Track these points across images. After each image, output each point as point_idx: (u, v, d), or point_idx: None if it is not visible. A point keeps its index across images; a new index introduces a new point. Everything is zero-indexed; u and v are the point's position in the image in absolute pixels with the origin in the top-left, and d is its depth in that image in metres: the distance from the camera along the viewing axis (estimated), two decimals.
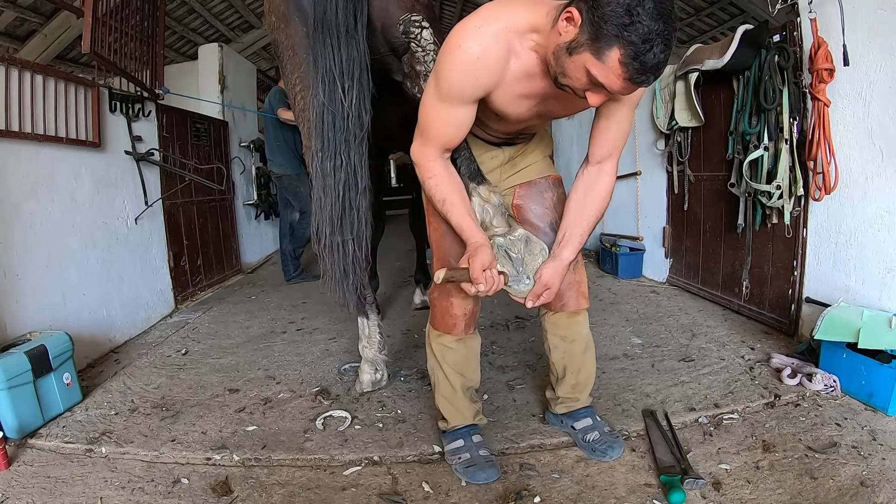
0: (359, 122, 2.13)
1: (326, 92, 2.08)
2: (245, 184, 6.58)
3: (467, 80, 1.63)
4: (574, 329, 2.13)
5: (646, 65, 1.35)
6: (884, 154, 2.59)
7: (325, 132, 2.12)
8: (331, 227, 2.24)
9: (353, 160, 2.17)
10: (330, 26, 2.02)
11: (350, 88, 2.08)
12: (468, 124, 1.77)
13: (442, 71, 1.66)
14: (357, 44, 2.07)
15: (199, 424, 2.50)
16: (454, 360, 2.11)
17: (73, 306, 3.24)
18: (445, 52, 1.64)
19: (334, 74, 2.06)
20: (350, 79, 2.07)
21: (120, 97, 3.89)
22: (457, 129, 1.77)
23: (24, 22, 5.95)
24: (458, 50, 1.60)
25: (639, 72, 1.36)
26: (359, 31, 2.07)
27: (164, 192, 4.36)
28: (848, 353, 2.46)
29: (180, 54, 7.86)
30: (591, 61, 1.40)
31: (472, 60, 1.59)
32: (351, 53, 2.05)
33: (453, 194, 1.82)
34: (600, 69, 1.40)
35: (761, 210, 3.30)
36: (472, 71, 1.61)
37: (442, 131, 1.76)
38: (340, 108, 2.10)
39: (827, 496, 1.80)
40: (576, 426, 2.20)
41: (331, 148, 2.14)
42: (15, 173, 2.92)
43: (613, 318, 3.80)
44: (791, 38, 3.02)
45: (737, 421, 2.34)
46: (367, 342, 2.79)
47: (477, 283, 1.72)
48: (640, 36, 1.31)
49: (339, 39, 2.03)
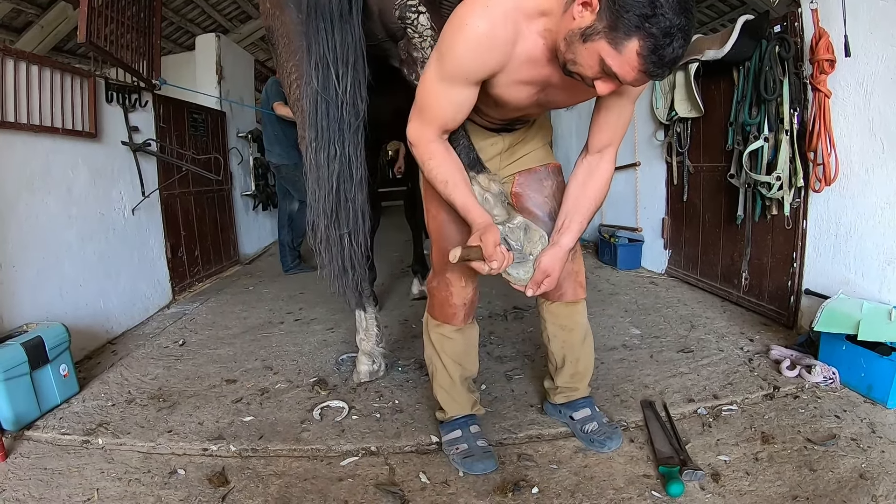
0: (353, 110, 2.07)
1: (320, 79, 2.02)
2: (243, 174, 6.56)
3: (472, 59, 1.58)
4: (573, 318, 2.12)
5: (664, 59, 1.32)
6: (884, 145, 2.58)
7: (319, 121, 2.07)
8: (326, 221, 2.19)
9: (348, 150, 2.11)
10: (324, 11, 1.96)
11: (344, 75, 2.01)
12: (469, 106, 1.73)
13: (445, 48, 1.60)
14: (352, 29, 2.01)
15: (196, 415, 2.49)
16: (453, 350, 2.10)
17: (69, 298, 3.23)
18: (450, 29, 1.59)
19: (328, 60, 1.99)
20: (344, 65, 2.00)
21: (116, 88, 3.87)
22: (457, 110, 1.72)
23: (20, 13, 5.92)
24: (465, 27, 1.54)
25: (656, 65, 1.34)
26: (353, 16, 2.01)
27: (161, 183, 4.34)
28: (847, 346, 2.46)
29: (177, 45, 7.83)
30: (608, 50, 1.36)
31: (478, 38, 1.53)
32: (345, 39, 1.99)
33: (455, 174, 1.78)
34: (616, 59, 1.36)
35: (761, 201, 3.29)
36: (477, 49, 1.56)
37: (442, 111, 1.71)
38: (334, 96, 2.04)
39: (826, 488, 1.80)
40: (574, 416, 2.19)
41: (325, 137, 2.08)
42: (11, 164, 2.90)
43: (612, 309, 3.80)
44: (792, 29, 3.01)
45: (736, 412, 2.34)
46: (364, 334, 2.78)
47: (490, 259, 1.67)
48: (661, 29, 1.28)
49: (332, 24, 1.97)
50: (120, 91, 3.90)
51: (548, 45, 1.55)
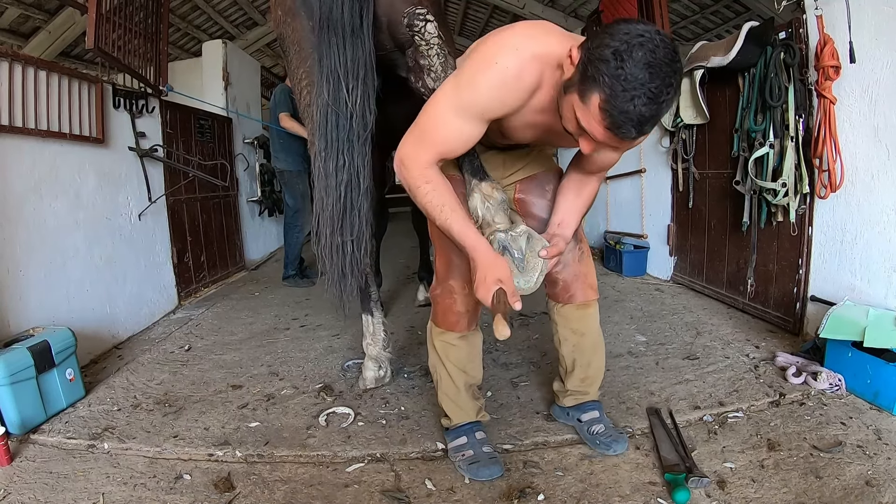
0: (363, 122, 2.09)
1: (331, 92, 2.04)
2: (249, 180, 6.59)
3: (492, 98, 1.59)
4: (585, 322, 2.13)
5: (626, 115, 1.30)
6: (890, 152, 2.57)
7: (329, 132, 2.09)
8: (331, 228, 2.20)
9: (356, 161, 2.13)
10: (335, 24, 1.98)
11: (354, 88, 2.03)
12: (475, 141, 1.72)
13: (467, 81, 1.61)
14: (363, 43, 2.03)
15: (202, 420, 2.50)
16: (457, 357, 2.10)
17: (76, 302, 3.24)
18: (476, 63, 1.60)
19: (339, 74, 2.01)
20: (355, 79, 2.02)
21: (124, 93, 3.89)
22: (463, 142, 1.71)
23: (28, 18, 5.97)
24: (495, 66, 1.55)
25: (617, 122, 1.32)
26: (364, 30, 2.03)
27: (167, 189, 4.36)
28: (853, 352, 2.45)
29: (184, 51, 7.88)
30: (577, 103, 1.38)
31: (504, 79, 1.55)
32: (356, 53, 2.01)
33: (452, 199, 1.73)
34: (583, 112, 1.38)
35: (766, 208, 3.28)
36: (501, 89, 1.56)
37: (446, 140, 1.69)
38: (344, 108, 2.05)
39: (832, 495, 1.79)
40: (582, 418, 2.20)
41: (334, 148, 2.10)
42: (19, 169, 2.92)
43: (618, 316, 3.79)
44: (797, 35, 3.01)
45: (741, 419, 2.33)
46: (371, 339, 2.79)
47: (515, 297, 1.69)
48: (621, 84, 1.27)
49: (344, 39, 1.99)
50: (127, 97, 3.92)
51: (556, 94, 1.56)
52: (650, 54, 1.27)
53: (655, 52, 1.27)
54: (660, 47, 1.28)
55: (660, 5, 4.56)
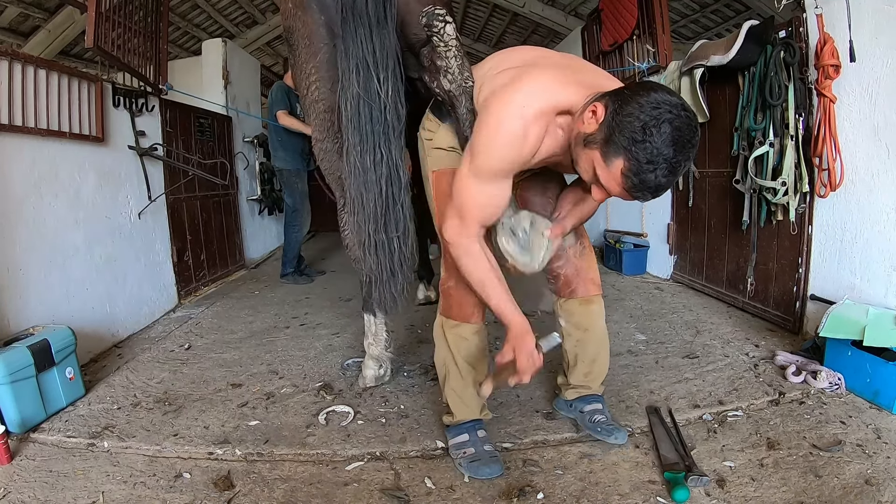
0: (396, 114, 2.06)
1: (361, 82, 2.01)
2: (249, 179, 6.58)
3: (506, 159, 1.66)
4: (588, 318, 2.15)
5: (646, 183, 1.39)
6: (890, 151, 2.58)
7: (363, 125, 2.05)
8: (375, 225, 2.15)
9: (394, 154, 2.10)
10: (360, 14, 1.97)
11: (385, 79, 2.01)
12: (506, 195, 1.77)
13: (481, 148, 1.66)
14: (388, 34, 2.01)
15: (202, 419, 2.50)
16: (468, 351, 2.11)
17: (76, 301, 3.24)
18: (486, 129, 1.65)
19: (368, 64, 1.99)
20: (385, 69, 2.00)
21: (123, 92, 3.89)
22: (495, 203, 1.77)
23: (27, 17, 5.97)
24: (501, 130, 1.62)
25: (636, 188, 1.42)
26: (388, 22, 2.00)
27: (167, 188, 4.35)
28: (853, 351, 2.45)
29: (184, 49, 7.88)
30: (599, 161, 1.46)
31: (513, 141, 1.62)
32: (384, 43, 1.99)
33: (491, 274, 1.80)
34: (604, 171, 1.46)
35: (766, 207, 3.28)
36: (513, 149, 1.63)
37: (479, 207, 1.75)
38: (377, 100, 2.03)
39: (832, 494, 1.79)
40: (584, 409, 2.21)
41: (370, 141, 2.07)
42: (18, 168, 2.91)
43: (617, 315, 3.79)
44: (797, 34, 3.01)
45: (741, 418, 2.34)
46: (373, 339, 2.78)
47: (524, 374, 1.73)
48: (646, 155, 1.35)
49: (370, 29, 1.97)
50: (127, 95, 3.92)
51: (566, 136, 1.65)
52: (677, 132, 1.35)
53: (682, 130, 1.36)
54: (685, 124, 1.37)
55: (660, 4, 4.55)
